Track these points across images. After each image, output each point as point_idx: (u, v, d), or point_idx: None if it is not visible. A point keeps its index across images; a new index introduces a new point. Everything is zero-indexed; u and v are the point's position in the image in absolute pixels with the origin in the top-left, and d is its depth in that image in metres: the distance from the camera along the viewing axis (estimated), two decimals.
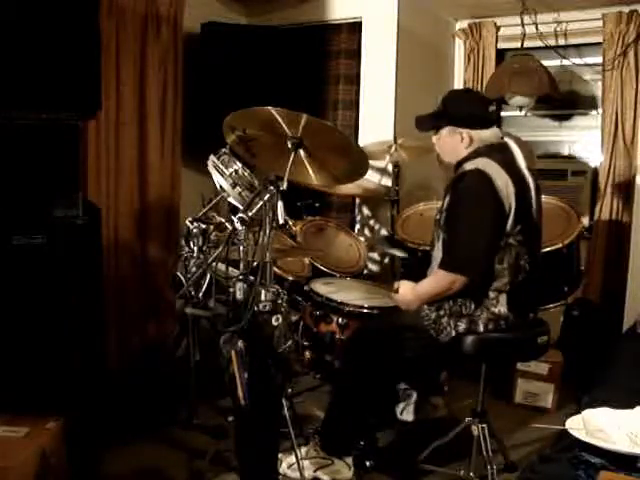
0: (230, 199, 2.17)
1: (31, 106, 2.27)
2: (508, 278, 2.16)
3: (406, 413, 2.71)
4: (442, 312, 2.20)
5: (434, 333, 2.20)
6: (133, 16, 3.23)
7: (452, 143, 2.28)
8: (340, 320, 2.65)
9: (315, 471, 2.31)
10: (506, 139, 2.28)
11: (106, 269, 3.03)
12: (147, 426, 2.70)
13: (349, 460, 2.37)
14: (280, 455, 2.26)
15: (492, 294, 2.17)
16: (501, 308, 2.17)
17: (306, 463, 2.30)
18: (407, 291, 2.26)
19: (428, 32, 4.09)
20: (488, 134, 2.25)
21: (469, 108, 2.28)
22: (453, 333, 2.18)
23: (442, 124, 2.29)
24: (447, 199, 2.24)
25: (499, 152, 2.21)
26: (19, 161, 2.28)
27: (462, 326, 2.17)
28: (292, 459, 2.28)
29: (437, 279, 2.19)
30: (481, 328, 2.17)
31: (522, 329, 2.26)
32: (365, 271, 3.45)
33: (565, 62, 4.07)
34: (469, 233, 2.12)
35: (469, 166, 2.17)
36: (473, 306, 2.18)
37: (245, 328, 1.91)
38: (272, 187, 1.96)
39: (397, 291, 2.29)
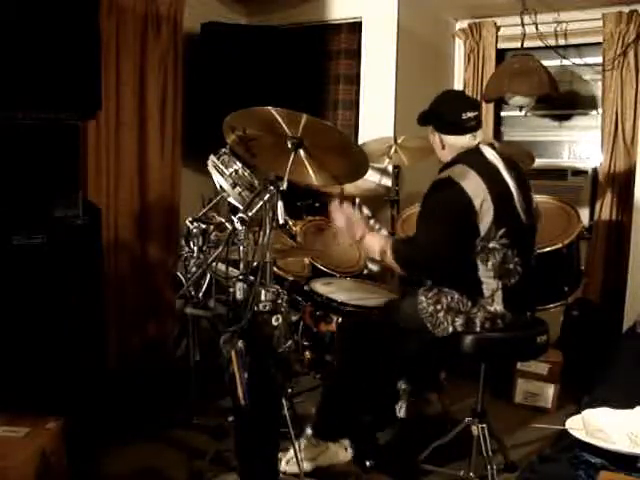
0: (230, 199, 2.17)
1: (31, 106, 2.27)
2: (497, 281, 2.16)
3: (398, 409, 2.72)
4: (439, 307, 2.20)
5: (430, 327, 2.20)
6: (133, 16, 3.23)
7: (433, 143, 2.34)
8: (340, 320, 2.65)
9: (312, 461, 2.32)
10: (481, 145, 2.25)
11: (106, 269, 3.03)
12: (147, 426, 2.70)
13: (345, 442, 2.36)
14: (279, 454, 2.26)
15: (487, 293, 2.18)
16: (497, 307, 2.18)
17: (301, 456, 2.30)
18: (358, 230, 2.33)
19: (428, 32, 4.09)
20: (461, 141, 2.24)
21: (442, 112, 2.30)
22: (450, 329, 2.18)
23: (426, 122, 2.33)
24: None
25: (475, 157, 2.22)
26: (19, 161, 2.28)
27: (459, 322, 2.18)
28: (290, 454, 2.28)
29: (388, 255, 2.21)
30: (478, 326, 2.18)
31: (521, 329, 2.26)
32: (365, 271, 3.45)
33: (565, 62, 4.07)
34: (424, 239, 2.17)
35: (444, 174, 2.20)
36: (470, 304, 2.19)
37: (245, 328, 1.91)
38: (272, 187, 1.96)
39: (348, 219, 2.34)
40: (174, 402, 2.91)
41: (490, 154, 2.23)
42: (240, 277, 2.04)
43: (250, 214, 1.95)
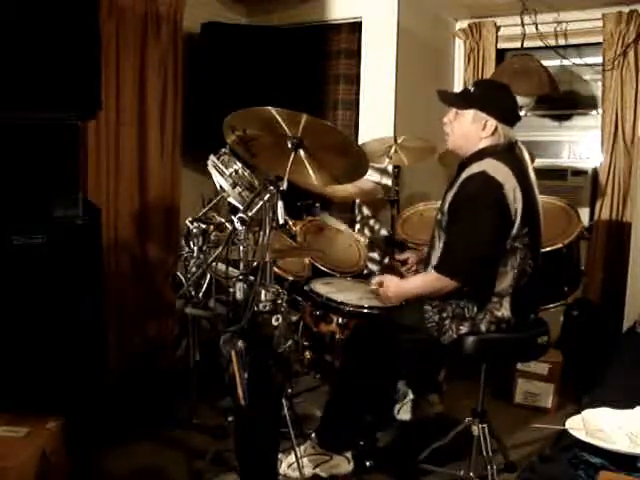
0: (230, 199, 2.17)
1: (31, 106, 2.27)
2: (511, 282, 2.15)
3: (403, 412, 2.71)
4: (445, 314, 2.19)
5: (436, 334, 2.19)
6: (133, 16, 3.23)
7: (470, 128, 2.23)
8: (340, 320, 2.65)
9: (314, 468, 2.31)
10: (519, 141, 2.26)
11: (106, 269, 3.03)
12: (147, 426, 2.70)
13: (348, 454, 2.36)
14: (280, 455, 2.26)
15: (495, 298, 2.16)
16: (504, 312, 2.17)
17: (305, 461, 2.30)
18: (390, 286, 2.26)
19: (428, 32, 4.09)
20: (511, 133, 2.24)
21: (506, 101, 2.27)
22: (455, 336, 2.17)
23: (469, 105, 2.23)
24: (450, 199, 2.21)
25: (508, 153, 2.20)
26: (19, 161, 2.28)
27: (464, 329, 2.16)
28: (292, 459, 2.28)
29: (428, 280, 2.19)
30: (483, 330, 2.17)
31: (522, 329, 2.25)
32: (365, 271, 3.45)
33: (565, 62, 4.07)
34: (468, 239, 2.10)
35: (476, 168, 2.14)
36: (476, 309, 2.17)
37: (245, 328, 1.91)
38: (272, 187, 1.96)
39: (380, 285, 2.29)
40: (174, 402, 2.91)
41: (525, 151, 2.24)
42: (240, 277, 2.04)
43: (250, 214, 1.95)
